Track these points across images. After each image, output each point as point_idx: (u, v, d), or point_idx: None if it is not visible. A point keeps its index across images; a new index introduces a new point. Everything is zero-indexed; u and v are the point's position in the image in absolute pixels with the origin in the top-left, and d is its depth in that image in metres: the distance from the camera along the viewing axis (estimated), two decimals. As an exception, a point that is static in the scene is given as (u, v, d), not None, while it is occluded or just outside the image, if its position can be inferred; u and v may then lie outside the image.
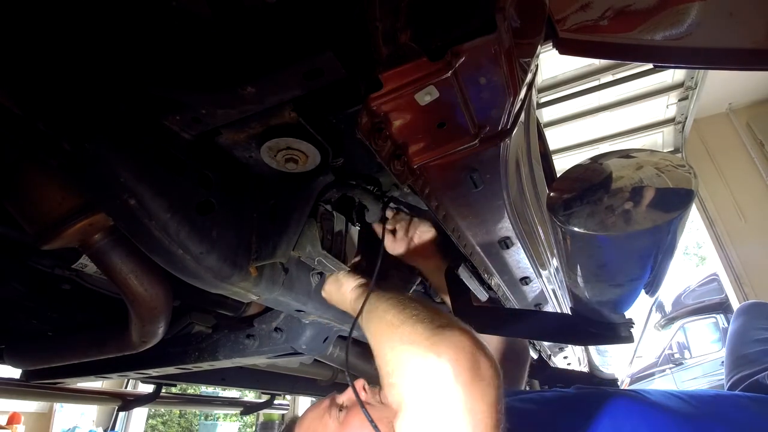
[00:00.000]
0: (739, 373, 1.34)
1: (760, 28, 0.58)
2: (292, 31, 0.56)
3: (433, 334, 0.56)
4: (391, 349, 0.62)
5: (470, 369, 0.52)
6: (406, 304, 0.69)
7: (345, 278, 0.91)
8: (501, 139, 0.64)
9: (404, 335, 0.60)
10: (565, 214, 0.65)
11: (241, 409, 2.93)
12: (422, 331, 0.58)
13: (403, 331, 0.61)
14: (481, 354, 0.55)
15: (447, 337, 0.55)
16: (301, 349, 1.09)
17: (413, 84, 0.53)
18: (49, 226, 0.71)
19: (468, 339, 0.55)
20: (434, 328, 0.57)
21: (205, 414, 11.17)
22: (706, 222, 4.77)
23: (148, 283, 0.83)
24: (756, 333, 1.43)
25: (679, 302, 8.73)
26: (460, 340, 0.55)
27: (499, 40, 0.49)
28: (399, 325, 0.63)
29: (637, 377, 8.52)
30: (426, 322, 0.60)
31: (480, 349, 0.56)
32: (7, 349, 1.28)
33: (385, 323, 0.67)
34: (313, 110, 0.66)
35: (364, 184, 0.87)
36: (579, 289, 0.85)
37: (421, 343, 0.56)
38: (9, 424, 4.66)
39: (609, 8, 0.61)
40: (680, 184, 0.60)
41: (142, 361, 1.27)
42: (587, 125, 4.36)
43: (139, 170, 0.60)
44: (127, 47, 0.58)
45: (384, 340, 0.65)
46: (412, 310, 0.65)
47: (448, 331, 0.56)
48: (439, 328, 0.57)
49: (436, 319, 0.60)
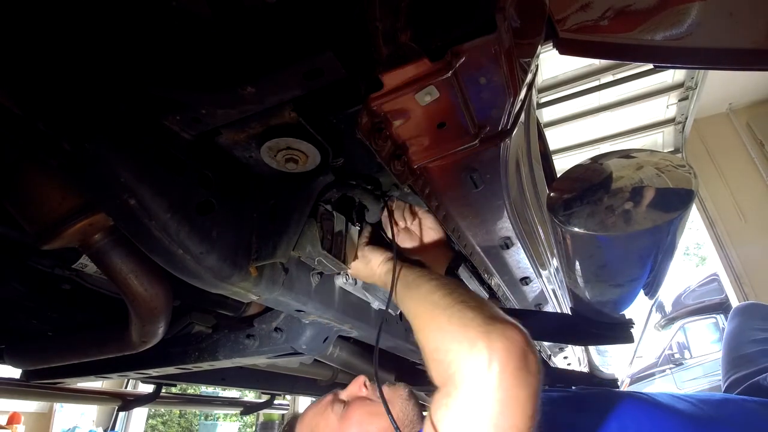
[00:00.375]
0: (736, 374, 1.34)
1: (760, 28, 0.58)
2: (292, 31, 0.56)
3: (485, 322, 0.59)
4: (438, 328, 0.64)
5: (519, 359, 0.55)
6: (452, 287, 0.71)
7: (371, 253, 0.92)
8: (501, 139, 0.64)
9: (453, 318, 0.62)
10: (565, 214, 0.65)
11: (241, 409, 2.93)
12: (473, 317, 0.61)
13: (452, 313, 0.63)
14: (530, 349, 0.57)
15: (499, 328, 0.57)
16: (301, 349, 1.09)
17: (413, 84, 0.53)
18: (49, 226, 0.71)
19: (519, 333, 0.58)
20: (486, 318, 0.60)
21: (205, 414, 11.17)
22: (706, 222, 4.77)
23: (148, 283, 0.83)
24: (752, 333, 1.43)
25: (679, 302, 8.73)
26: (512, 332, 0.57)
27: (499, 40, 0.49)
28: (446, 308, 0.65)
29: (637, 377, 8.52)
30: (476, 310, 0.62)
31: (529, 344, 0.58)
32: (7, 349, 1.28)
33: (431, 303, 0.69)
34: (313, 110, 0.66)
35: (364, 184, 0.87)
36: (579, 289, 0.85)
37: (474, 328, 0.58)
38: (9, 424, 4.66)
39: (609, 8, 0.61)
40: (680, 184, 0.60)
41: (142, 361, 1.27)
42: (587, 125, 4.36)
43: (139, 170, 0.60)
44: (128, 47, 0.58)
45: (429, 319, 0.67)
46: (459, 296, 0.67)
47: (499, 322, 0.59)
48: (491, 318, 0.60)
49: (486, 309, 0.62)
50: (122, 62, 0.59)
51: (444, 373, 0.59)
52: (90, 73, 0.58)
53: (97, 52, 0.57)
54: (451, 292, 0.69)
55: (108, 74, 0.59)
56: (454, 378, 0.57)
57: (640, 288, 0.79)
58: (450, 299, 0.67)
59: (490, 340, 0.56)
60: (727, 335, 1.54)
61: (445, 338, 0.62)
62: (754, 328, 1.45)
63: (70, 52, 0.56)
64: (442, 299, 0.68)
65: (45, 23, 0.53)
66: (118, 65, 0.59)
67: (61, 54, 0.56)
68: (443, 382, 0.59)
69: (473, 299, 0.67)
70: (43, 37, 0.54)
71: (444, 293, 0.69)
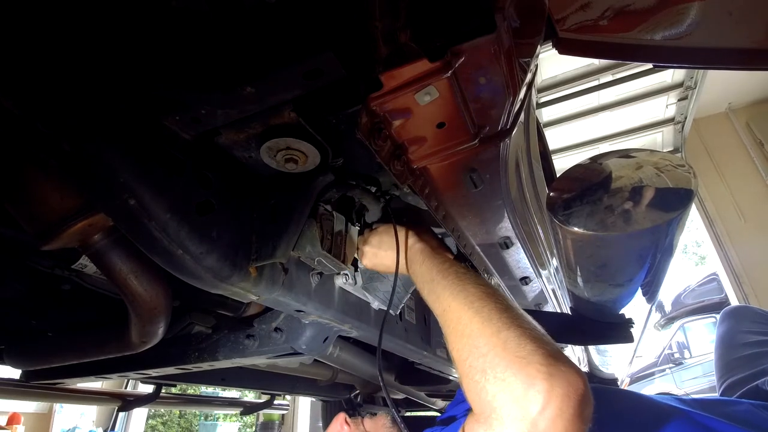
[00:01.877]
0: (731, 377, 1.34)
1: (760, 28, 0.58)
2: (292, 31, 0.56)
3: (548, 362, 0.54)
4: (490, 349, 0.58)
5: (576, 408, 0.52)
6: (504, 302, 0.65)
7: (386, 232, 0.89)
8: (501, 139, 0.64)
9: (510, 344, 0.57)
10: (564, 213, 0.65)
11: (241, 409, 2.93)
12: (534, 350, 0.56)
13: (508, 337, 0.58)
14: (588, 398, 0.54)
15: (562, 371, 0.53)
16: (301, 349, 1.09)
17: (413, 84, 0.53)
18: (49, 226, 0.71)
19: (581, 380, 0.54)
20: (548, 356, 0.55)
21: (205, 414, 11.16)
22: (706, 222, 4.78)
23: (148, 283, 0.83)
24: (744, 336, 1.44)
25: (679, 302, 8.74)
26: (575, 378, 0.54)
27: (498, 40, 0.49)
28: (502, 328, 0.60)
29: (637, 377, 8.52)
30: (537, 342, 0.57)
31: (588, 392, 0.55)
32: (7, 349, 1.28)
33: (480, 315, 0.63)
34: (313, 110, 0.66)
35: (364, 184, 0.87)
36: (579, 288, 0.85)
37: (533, 365, 0.54)
38: (9, 425, 4.66)
39: (609, 8, 0.61)
40: (680, 184, 0.60)
41: (142, 362, 1.27)
42: (587, 125, 4.36)
43: (138, 170, 0.60)
44: (127, 47, 0.58)
45: (478, 333, 0.61)
46: (517, 317, 0.62)
47: (563, 365, 0.55)
48: (555, 357, 0.55)
49: (549, 344, 0.58)
50: (122, 62, 0.59)
51: (486, 400, 0.55)
52: (90, 73, 0.58)
53: (97, 52, 0.57)
54: (506, 308, 0.63)
55: (108, 74, 0.59)
56: (499, 412, 0.53)
57: (639, 287, 0.79)
58: (506, 317, 0.61)
59: (552, 384, 0.52)
60: (718, 339, 1.54)
61: (497, 364, 0.56)
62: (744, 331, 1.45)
63: (70, 52, 0.56)
64: (495, 314, 0.62)
65: (45, 23, 0.53)
66: (118, 65, 0.59)
67: (61, 54, 0.56)
68: (483, 410, 0.56)
69: (530, 324, 0.61)
70: (42, 37, 0.54)
71: (497, 307, 0.63)
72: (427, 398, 2.77)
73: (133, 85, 0.61)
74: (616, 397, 0.92)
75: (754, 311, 1.57)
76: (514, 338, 0.58)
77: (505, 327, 0.60)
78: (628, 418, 0.86)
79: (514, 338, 0.57)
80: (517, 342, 0.57)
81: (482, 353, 0.58)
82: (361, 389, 2.64)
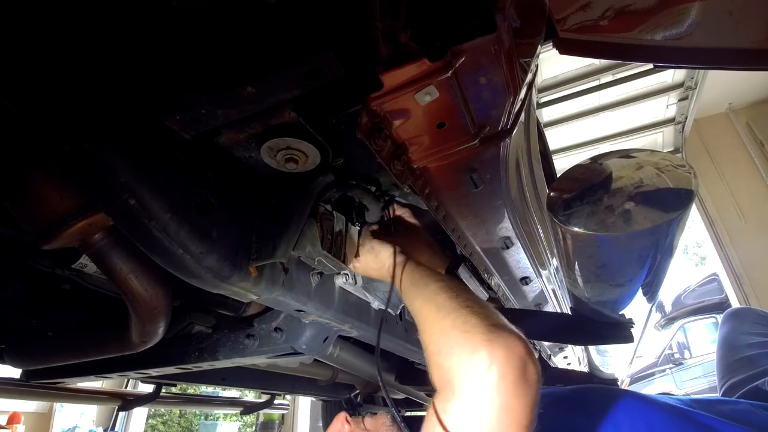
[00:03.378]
0: (732, 378, 1.34)
1: (760, 28, 0.58)
2: (292, 30, 0.56)
3: (488, 330, 0.59)
4: (441, 331, 0.65)
5: (519, 370, 0.56)
6: (458, 290, 0.72)
7: (380, 246, 0.91)
8: (501, 139, 0.64)
9: (457, 322, 0.63)
10: (565, 213, 0.65)
11: (241, 409, 2.93)
12: (477, 323, 0.61)
13: (456, 317, 0.64)
14: (531, 359, 0.58)
15: (502, 337, 0.58)
16: (301, 349, 1.09)
17: (413, 84, 0.53)
18: (49, 226, 0.71)
19: (521, 343, 0.58)
20: (489, 325, 0.60)
21: (205, 414, 11.17)
22: (706, 222, 4.78)
23: (148, 283, 0.83)
24: (745, 338, 1.44)
25: (679, 302, 8.74)
26: (514, 342, 0.58)
27: (499, 40, 0.49)
28: (451, 311, 0.66)
29: (637, 377, 8.52)
30: (481, 316, 0.63)
31: (530, 354, 0.58)
32: (7, 349, 1.28)
33: (436, 305, 0.70)
34: (313, 110, 0.66)
35: (364, 184, 0.87)
36: (579, 289, 0.85)
37: (476, 336, 0.59)
38: (9, 424, 4.66)
39: (609, 8, 0.61)
40: (680, 184, 0.60)
41: (143, 361, 1.27)
42: (587, 125, 4.36)
43: (139, 170, 0.60)
44: (128, 47, 0.58)
45: (434, 321, 0.68)
46: (465, 300, 0.68)
47: (503, 331, 0.59)
48: (494, 326, 0.60)
49: (491, 317, 0.63)
50: (122, 62, 0.59)
51: (444, 377, 0.60)
52: (90, 73, 0.58)
53: (97, 52, 0.57)
54: (457, 295, 0.69)
55: (108, 74, 0.59)
56: (453, 383, 0.57)
57: (639, 287, 0.79)
58: (455, 302, 0.67)
59: (492, 349, 0.56)
60: (720, 341, 1.55)
61: (447, 342, 0.62)
62: (746, 332, 1.46)
63: (71, 51, 0.56)
64: (447, 301, 0.68)
65: (45, 23, 0.53)
66: (118, 65, 0.59)
67: (62, 54, 0.56)
68: (443, 385, 0.60)
69: (478, 304, 0.67)
70: (43, 37, 0.54)
71: (450, 295, 0.69)
72: (427, 398, 2.77)
73: (133, 85, 0.61)
74: (614, 398, 0.92)
75: (757, 312, 1.57)
76: (460, 317, 0.64)
77: (454, 310, 0.66)
78: (626, 418, 0.86)
79: (461, 317, 0.64)
80: (463, 320, 0.63)
81: (437, 338, 0.65)
82: (362, 389, 2.64)
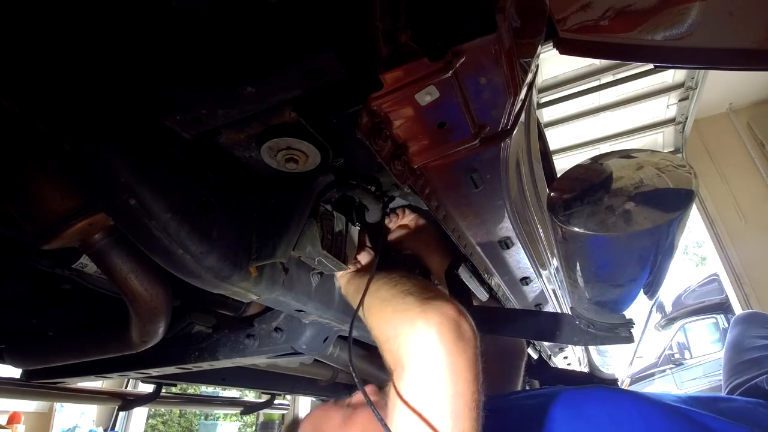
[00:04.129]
0: (737, 380, 1.35)
1: (761, 28, 0.58)
2: (292, 30, 0.56)
3: (422, 303, 0.65)
4: (385, 320, 0.70)
5: (453, 331, 0.60)
6: (396, 280, 0.76)
7: (354, 276, 0.95)
8: (501, 139, 0.64)
9: (397, 306, 0.68)
10: (565, 214, 0.65)
11: (241, 409, 2.93)
12: (412, 301, 0.67)
13: (395, 303, 0.69)
14: (463, 319, 0.63)
15: (434, 306, 0.63)
16: (301, 349, 1.09)
17: (413, 84, 0.53)
18: (49, 225, 0.71)
19: (451, 307, 0.63)
20: (422, 299, 0.66)
21: (205, 414, 11.17)
22: (707, 222, 4.78)
23: (148, 283, 0.83)
24: (752, 341, 1.46)
25: (680, 302, 8.73)
26: (446, 308, 0.63)
27: (499, 40, 0.49)
28: (391, 299, 0.71)
29: (638, 377, 8.52)
30: (415, 294, 0.68)
31: (462, 314, 0.64)
32: (7, 349, 1.28)
33: (379, 299, 0.74)
34: (314, 110, 0.66)
35: (364, 184, 0.87)
36: (579, 289, 0.85)
37: (412, 311, 0.64)
38: (9, 424, 4.66)
39: (609, 8, 0.61)
40: (680, 184, 0.60)
41: (143, 361, 1.27)
42: (588, 125, 4.36)
43: (139, 170, 0.60)
44: (128, 47, 0.58)
45: (377, 313, 0.73)
46: (402, 285, 0.72)
47: (434, 300, 0.65)
48: (427, 299, 0.65)
49: (425, 292, 0.68)
50: (123, 62, 0.59)
51: (394, 357, 0.63)
52: (90, 73, 0.58)
53: (97, 52, 0.57)
54: (395, 284, 0.73)
55: (108, 74, 0.59)
56: (402, 359, 0.61)
57: (640, 288, 0.79)
58: (394, 290, 0.72)
59: (427, 317, 0.61)
60: (728, 344, 1.57)
61: (391, 326, 0.66)
62: (753, 336, 1.47)
63: (71, 51, 0.56)
64: (387, 292, 0.73)
65: (45, 23, 0.53)
66: (118, 65, 0.59)
67: (62, 54, 0.56)
68: (395, 365, 0.63)
69: (414, 285, 0.71)
70: (43, 37, 0.54)
71: (389, 287, 0.74)
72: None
73: (133, 85, 0.61)
74: (613, 398, 0.92)
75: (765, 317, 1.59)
76: (399, 302, 0.69)
77: (392, 297, 0.71)
78: (624, 418, 0.86)
79: (399, 302, 0.69)
80: (401, 303, 0.68)
81: (383, 327, 0.69)
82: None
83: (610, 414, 0.87)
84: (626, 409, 0.88)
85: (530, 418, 0.90)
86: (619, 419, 0.86)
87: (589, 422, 0.87)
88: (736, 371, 1.39)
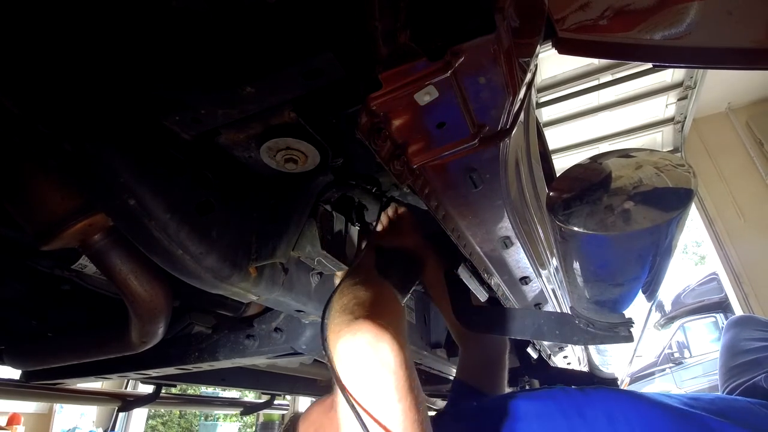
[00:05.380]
0: (734, 382, 1.35)
1: (760, 28, 0.58)
2: (291, 31, 0.56)
3: (349, 324, 0.70)
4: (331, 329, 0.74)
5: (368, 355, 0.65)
6: (347, 290, 0.80)
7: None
8: (500, 139, 0.64)
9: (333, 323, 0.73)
10: (564, 213, 0.65)
11: (241, 409, 2.93)
12: (339, 322, 0.72)
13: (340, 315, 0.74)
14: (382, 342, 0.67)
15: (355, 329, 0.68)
16: (301, 349, 1.09)
17: (413, 84, 0.53)
18: (49, 226, 0.71)
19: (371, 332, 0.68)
20: (347, 321, 0.71)
21: (205, 414, 11.16)
22: (706, 221, 4.78)
23: (148, 284, 0.83)
24: (746, 344, 1.46)
25: (679, 301, 8.74)
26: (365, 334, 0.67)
27: (498, 39, 0.49)
28: (335, 315, 0.76)
29: (637, 376, 8.53)
30: (355, 311, 0.73)
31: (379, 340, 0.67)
32: (7, 350, 1.27)
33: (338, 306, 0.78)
34: (313, 110, 0.66)
35: (363, 184, 0.87)
36: (578, 288, 0.85)
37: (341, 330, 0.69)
38: (9, 425, 4.66)
39: (608, 8, 0.61)
40: (679, 184, 0.60)
41: (142, 362, 1.27)
42: (587, 125, 4.37)
43: (139, 170, 0.60)
44: (128, 47, 0.58)
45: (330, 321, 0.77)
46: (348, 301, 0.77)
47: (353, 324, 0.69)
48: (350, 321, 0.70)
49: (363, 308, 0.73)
50: (123, 62, 0.59)
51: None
52: (90, 74, 0.58)
53: (97, 52, 0.57)
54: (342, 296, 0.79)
55: (108, 74, 0.59)
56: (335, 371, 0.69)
57: (639, 287, 0.79)
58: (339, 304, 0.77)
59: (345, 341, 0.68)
60: (721, 348, 1.59)
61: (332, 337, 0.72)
62: (746, 339, 1.48)
63: (71, 52, 0.56)
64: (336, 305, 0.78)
65: (45, 23, 0.53)
66: (118, 65, 0.59)
67: (62, 54, 0.56)
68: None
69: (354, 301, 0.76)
70: (43, 37, 0.54)
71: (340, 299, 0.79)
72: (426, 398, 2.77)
73: (133, 85, 0.61)
74: (611, 398, 0.92)
75: (758, 320, 1.60)
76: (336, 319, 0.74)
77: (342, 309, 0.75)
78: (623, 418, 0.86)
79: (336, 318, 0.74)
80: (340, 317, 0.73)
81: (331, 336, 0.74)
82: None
83: (609, 415, 0.87)
84: (625, 410, 0.88)
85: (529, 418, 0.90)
86: (617, 420, 0.86)
87: (588, 423, 0.87)
88: (733, 374, 1.39)
